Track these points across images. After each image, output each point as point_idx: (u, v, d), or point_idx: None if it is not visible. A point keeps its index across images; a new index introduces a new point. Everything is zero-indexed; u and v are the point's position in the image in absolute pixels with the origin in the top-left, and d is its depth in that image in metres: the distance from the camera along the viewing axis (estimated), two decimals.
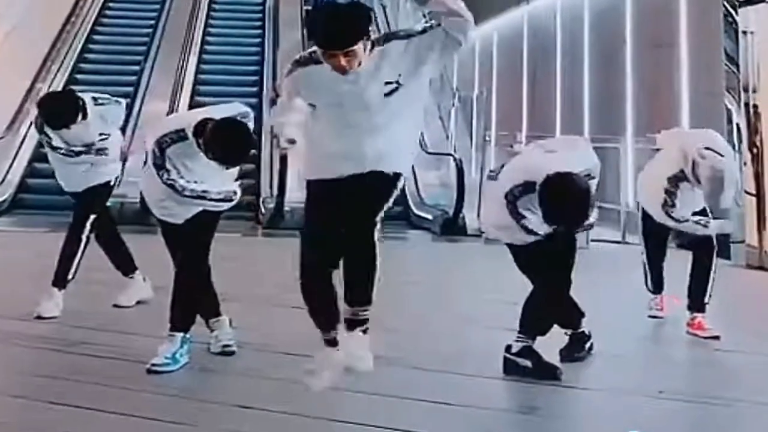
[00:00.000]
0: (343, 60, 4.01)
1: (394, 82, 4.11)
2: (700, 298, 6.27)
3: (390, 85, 4.11)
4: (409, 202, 14.25)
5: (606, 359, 5.54)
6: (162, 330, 5.21)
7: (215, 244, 5.38)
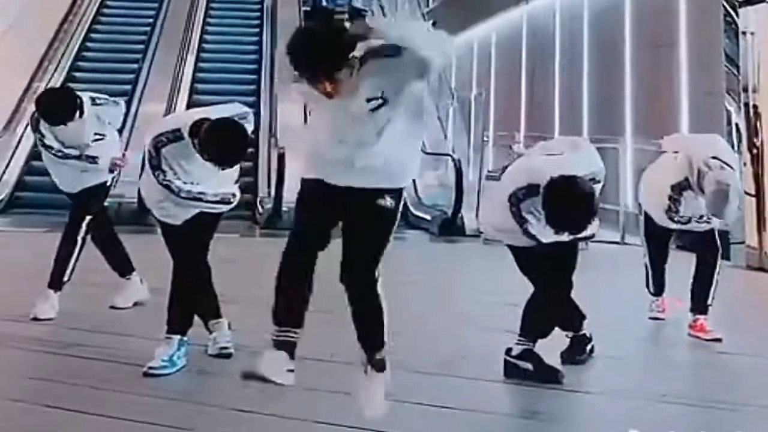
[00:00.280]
0: (329, 87, 3.94)
1: (376, 98, 3.98)
2: (703, 299, 6.23)
3: (374, 101, 3.98)
4: (407, 202, 14.21)
5: (607, 362, 5.51)
6: (159, 332, 5.18)
7: (213, 244, 5.34)
